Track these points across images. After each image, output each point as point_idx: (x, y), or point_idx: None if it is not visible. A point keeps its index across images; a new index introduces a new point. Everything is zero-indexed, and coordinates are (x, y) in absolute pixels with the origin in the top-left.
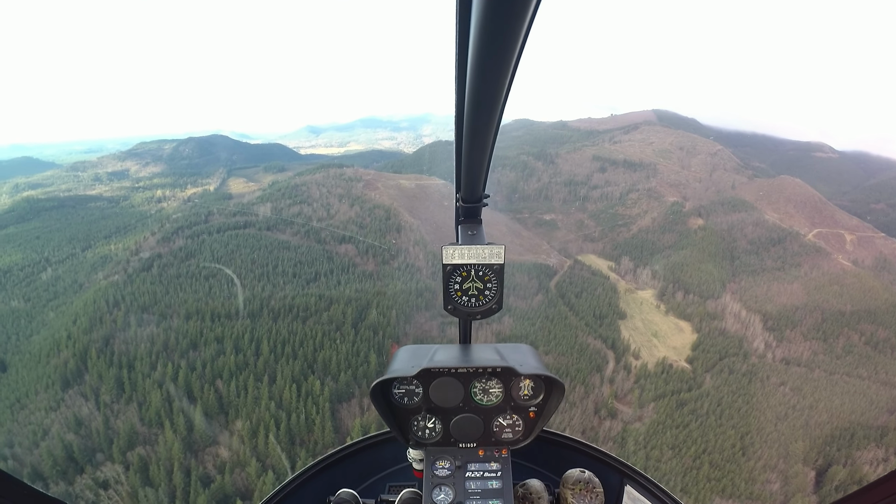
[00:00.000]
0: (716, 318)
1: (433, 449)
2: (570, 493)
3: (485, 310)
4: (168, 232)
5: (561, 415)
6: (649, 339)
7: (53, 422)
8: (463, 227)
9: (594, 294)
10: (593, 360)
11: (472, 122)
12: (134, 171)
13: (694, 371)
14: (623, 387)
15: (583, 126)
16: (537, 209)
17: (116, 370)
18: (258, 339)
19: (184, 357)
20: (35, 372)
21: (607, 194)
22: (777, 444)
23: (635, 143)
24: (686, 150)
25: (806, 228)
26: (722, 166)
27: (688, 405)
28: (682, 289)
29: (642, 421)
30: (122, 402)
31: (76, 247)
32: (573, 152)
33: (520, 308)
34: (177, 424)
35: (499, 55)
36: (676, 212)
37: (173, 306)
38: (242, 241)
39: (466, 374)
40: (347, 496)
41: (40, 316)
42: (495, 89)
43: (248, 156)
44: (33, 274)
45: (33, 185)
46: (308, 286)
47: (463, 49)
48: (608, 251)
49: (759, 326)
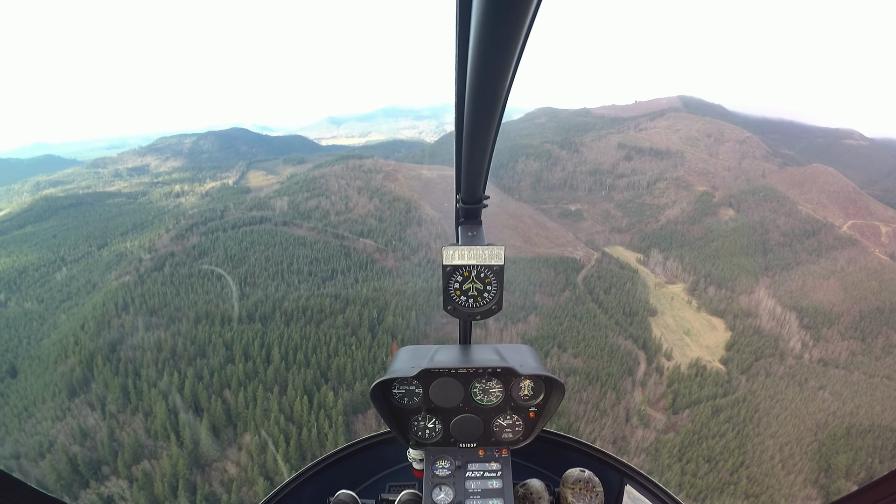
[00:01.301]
0: (750, 315)
1: (433, 449)
2: (570, 493)
3: (485, 310)
4: (182, 229)
5: (591, 424)
6: (681, 338)
7: (59, 432)
8: (463, 228)
9: (623, 289)
10: (624, 363)
11: (472, 122)
12: (154, 167)
13: (729, 373)
14: (655, 391)
15: (607, 113)
16: (562, 199)
17: (122, 378)
18: (269, 345)
19: (191, 365)
20: (43, 379)
21: (634, 183)
22: (818, 457)
23: (661, 130)
24: (714, 137)
25: (840, 220)
26: (751, 154)
27: (724, 412)
28: (713, 283)
29: (676, 430)
30: (128, 412)
31: (92, 245)
32: (598, 140)
33: (546, 306)
34: (183, 437)
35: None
36: (706, 202)
37: (182, 309)
38: (257, 237)
39: (466, 374)
40: (346, 497)
41: (52, 318)
42: (495, 90)
43: (269, 148)
44: (48, 274)
45: (54, 183)
46: (324, 285)
47: (463, 49)
48: (636, 243)
49: (795, 324)
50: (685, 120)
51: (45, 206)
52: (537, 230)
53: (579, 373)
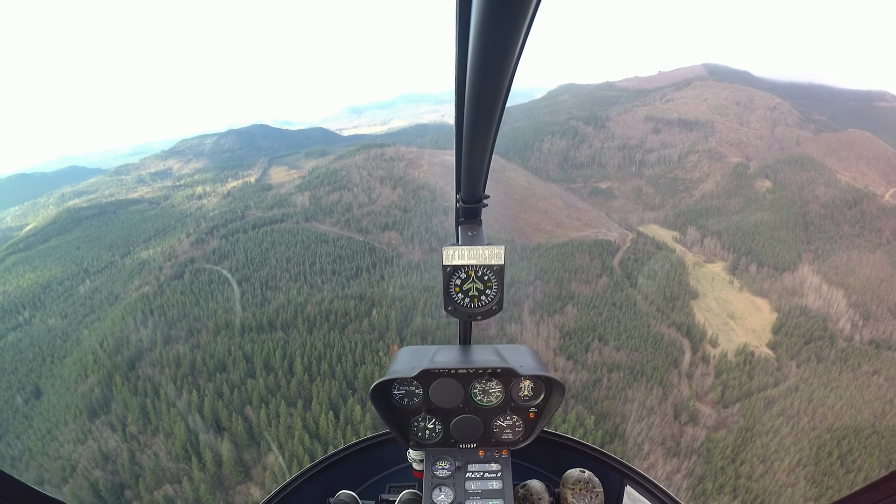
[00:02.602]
0: (795, 294)
1: (433, 449)
2: (570, 493)
3: (485, 311)
4: (203, 232)
5: (638, 423)
6: (725, 322)
7: (81, 456)
8: (463, 228)
9: (662, 271)
10: (669, 354)
11: (472, 122)
12: (177, 169)
13: (778, 359)
14: (703, 383)
15: (631, 85)
16: (591, 177)
17: (141, 398)
18: (291, 356)
19: (211, 380)
20: (65, 399)
21: (664, 157)
22: (878, 451)
23: (688, 100)
24: (743, 105)
25: (882, 188)
26: (783, 121)
27: (776, 404)
28: (755, 260)
29: (728, 427)
30: (149, 433)
31: (115, 254)
32: (624, 114)
33: (583, 294)
34: (204, 459)
35: (499, 55)
36: (741, 173)
37: (202, 319)
38: (278, 237)
39: (466, 374)
40: (347, 497)
41: (75, 334)
42: (495, 89)
43: (290, 142)
44: (72, 287)
45: (78, 193)
46: (348, 284)
47: (463, 49)
48: (671, 220)
49: (843, 303)
50: (712, 88)
51: (69, 217)
52: (568, 212)
53: (623, 368)
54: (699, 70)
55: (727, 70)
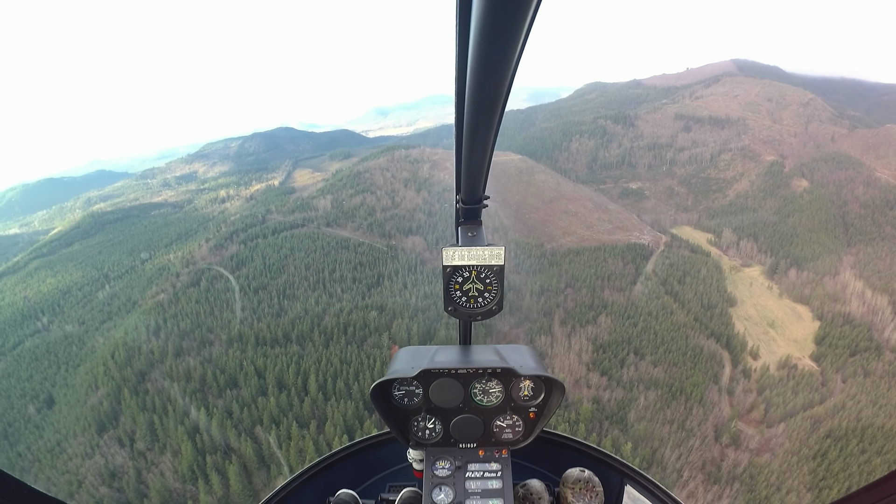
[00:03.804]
0: (837, 301)
1: (433, 449)
2: (570, 493)
3: (485, 311)
4: (222, 238)
5: (677, 448)
6: (766, 331)
7: (88, 471)
8: (463, 229)
9: (698, 276)
10: (709, 369)
11: (472, 122)
12: (202, 173)
13: (823, 373)
14: (745, 401)
15: (659, 83)
16: (621, 177)
17: (150, 414)
18: (305, 372)
19: (221, 396)
20: (75, 411)
21: (696, 156)
22: None
23: (718, 97)
24: (775, 101)
25: None
26: (816, 117)
27: (823, 424)
28: (794, 264)
29: (772, 451)
30: (156, 450)
31: (136, 259)
32: (653, 112)
33: (617, 303)
34: (211, 482)
35: (499, 55)
36: (776, 173)
37: (215, 330)
38: (297, 242)
39: (466, 374)
40: (347, 497)
41: (91, 342)
42: (495, 89)
43: (315, 145)
44: (91, 293)
45: (104, 198)
46: (369, 293)
47: (463, 49)
48: (704, 222)
49: (888, 310)
50: (742, 84)
51: (92, 222)
52: (598, 214)
53: (661, 385)
54: (728, 66)
55: (757, 65)
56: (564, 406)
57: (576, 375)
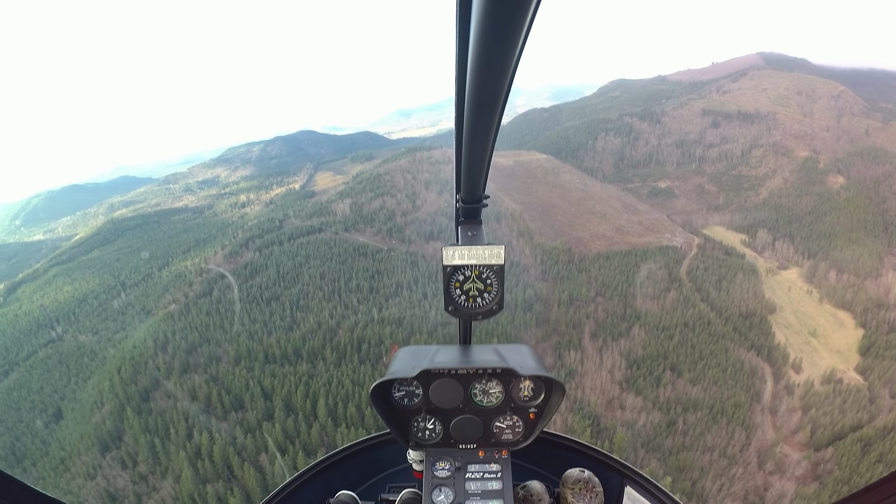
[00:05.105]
0: (881, 307)
1: (433, 450)
2: (570, 493)
3: (485, 310)
4: (238, 245)
5: (718, 479)
6: (807, 341)
7: (89, 493)
8: (463, 228)
9: (734, 281)
10: (751, 386)
11: (472, 122)
12: (223, 177)
13: (870, 387)
14: (790, 421)
15: (684, 78)
16: (649, 176)
17: (151, 437)
18: (314, 395)
19: (225, 419)
20: (80, 428)
21: (726, 153)
22: None
23: (746, 91)
24: (805, 94)
25: None
26: (848, 110)
27: (874, 447)
28: (833, 266)
29: (821, 479)
30: (158, 474)
31: (153, 266)
32: (679, 108)
33: (651, 312)
34: None
35: (499, 55)
36: (811, 169)
37: (224, 345)
38: (313, 249)
39: (466, 375)
40: (346, 498)
41: (102, 353)
42: (495, 89)
43: (338, 147)
44: (106, 301)
45: (126, 203)
46: (386, 304)
47: (463, 49)
48: (737, 221)
49: None
50: (770, 78)
51: (113, 228)
52: (628, 215)
53: (701, 407)
54: (755, 59)
55: (784, 58)
56: (596, 433)
57: (608, 395)
